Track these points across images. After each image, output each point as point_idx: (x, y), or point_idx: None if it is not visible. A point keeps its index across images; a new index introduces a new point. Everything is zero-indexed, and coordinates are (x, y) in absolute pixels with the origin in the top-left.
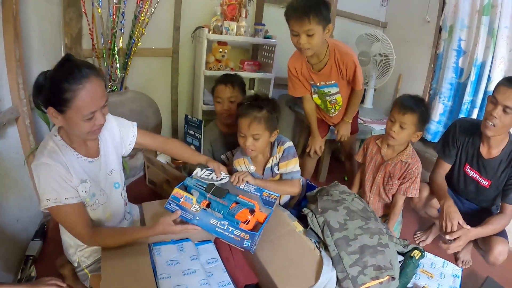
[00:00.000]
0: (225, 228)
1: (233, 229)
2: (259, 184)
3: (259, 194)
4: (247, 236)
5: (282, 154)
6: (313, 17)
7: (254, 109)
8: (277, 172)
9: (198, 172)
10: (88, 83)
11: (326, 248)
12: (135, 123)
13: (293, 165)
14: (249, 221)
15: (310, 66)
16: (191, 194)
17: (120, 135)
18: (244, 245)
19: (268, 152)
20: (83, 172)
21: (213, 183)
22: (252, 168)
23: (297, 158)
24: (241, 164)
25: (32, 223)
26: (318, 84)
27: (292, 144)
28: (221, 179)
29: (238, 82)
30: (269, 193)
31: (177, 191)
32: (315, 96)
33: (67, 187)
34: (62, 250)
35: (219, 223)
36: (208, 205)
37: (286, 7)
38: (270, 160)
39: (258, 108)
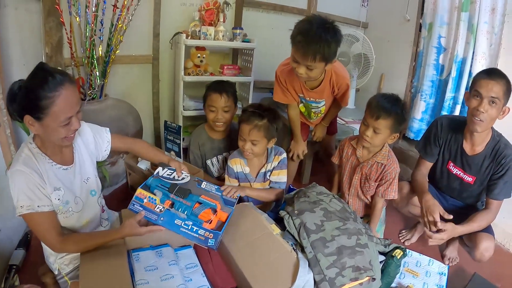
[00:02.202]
0: (189, 228)
1: (197, 228)
2: (249, 194)
3: (219, 194)
4: (211, 235)
5: (278, 163)
6: (320, 56)
7: (256, 117)
8: (268, 178)
9: (159, 171)
10: (64, 89)
11: (303, 250)
12: (108, 129)
13: (283, 175)
14: (211, 220)
15: (303, 82)
16: (154, 194)
17: (94, 142)
18: (208, 244)
19: (264, 158)
20: (57, 180)
21: (176, 183)
22: (247, 169)
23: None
24: (237, 163)
25: (15, 232)
26: (308, 99)
27: (286, 155)
28: (183, 178)
29: (231, 90)
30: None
31: (140, 192)
32: (301, 105)
33: (40, 195)
34: (44, 259)
35: (183, 223)
36: (172, 205)
37: (295, 28)
38: (265, 166)
39: (260, 117)
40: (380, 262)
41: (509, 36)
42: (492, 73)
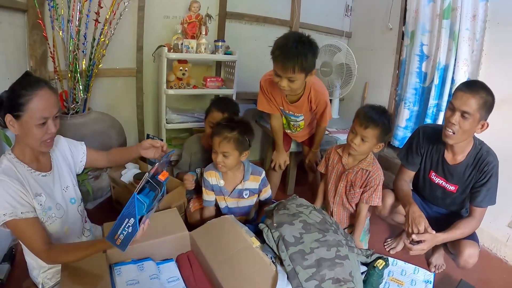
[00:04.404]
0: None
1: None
2: None
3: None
4: None
5: (261, 183)
6: (299, 67)
7: (226, 130)
8: (245, 196)
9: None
10: (42, 91)
11: (282, 263)
12: (83, 142)
13: (269, 190)
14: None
15: (284, 95)
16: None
17: (71, 154)
18: None
19: (240, 175)
20: (38, 186)
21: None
22: (222, 182)
23: None
24: (212, 176)
25: (0, 247)
26: (287, 111)
27: (265, 173)
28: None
29: (234, 110)
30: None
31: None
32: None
33: (23, 202)
34: (28, 273)
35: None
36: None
37: (274, 45)
38: (242, 184)
39: (230, 128)
40: (362, 273)
41: (491, 42)
42: (472, 86)
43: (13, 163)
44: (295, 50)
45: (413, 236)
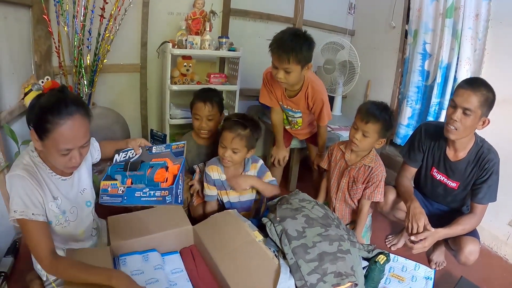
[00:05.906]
0: (147, 194)
1: (154, 192)
2: (259, 186)
3: (169, 149)
4: (166, 193)
5: (259, 170)
6: (293, 57)
7: (239, 126)
8: (247, 187)
9: (116, 158)
10: (70, 120)
11: (284, 257)
12: (94, 138)
13: (270, 176)
14: (167, 177)
15: (283, 89)
16: (116, 180)
17: (90, 154)
18: (167, 202)
19: (241, 167)
20: (56, 190)
21: (128, 161)
22: (223, 176)
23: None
24: (214, 171)
25: (4, 240)
26: (286, 106)
27: (262, 160)
28: (136, 154)
29: (217, 99)
30: (177, 144)
31: (103, 184)
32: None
33: (37, 203)
34: (32, 266)
35: (141, 192)
36: (132, 182)
37: (272, 38)
38: (242, 175)
39: (243, 126)
40: (364, 267)
41: (493, 41)
42: (473, 83)
43: (35, 162)
44: (290, 42)
45: (412, 238)
